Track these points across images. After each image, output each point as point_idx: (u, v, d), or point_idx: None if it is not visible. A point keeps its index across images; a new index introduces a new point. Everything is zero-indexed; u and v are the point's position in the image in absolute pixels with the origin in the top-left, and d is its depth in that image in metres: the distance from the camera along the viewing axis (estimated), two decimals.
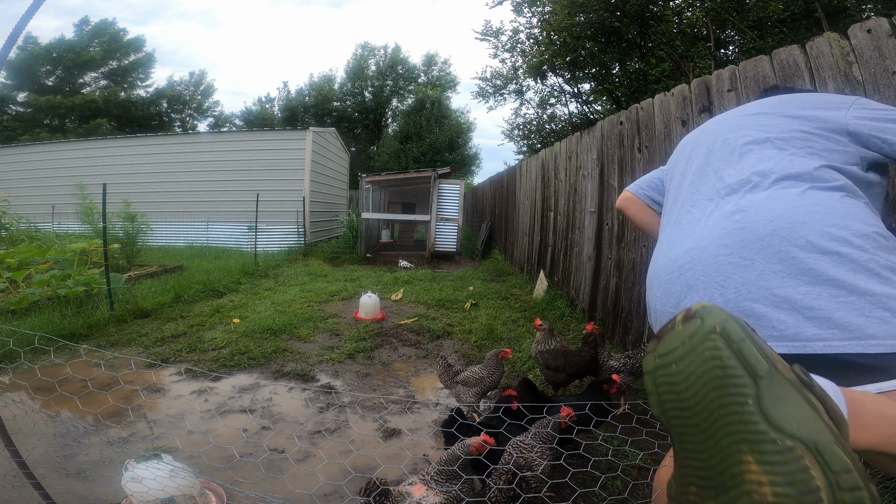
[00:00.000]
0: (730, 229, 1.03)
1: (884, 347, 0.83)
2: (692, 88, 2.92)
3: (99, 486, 1.95)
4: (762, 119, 1.24)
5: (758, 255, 0.96)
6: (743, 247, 0.99)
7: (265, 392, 3.04)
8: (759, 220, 0.99)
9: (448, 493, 1.50)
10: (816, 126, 1.14)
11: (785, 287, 0.92)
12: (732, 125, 1.29)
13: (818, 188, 1.01)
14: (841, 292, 0.87)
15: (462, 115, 28.85)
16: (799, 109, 1.20)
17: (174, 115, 33.45)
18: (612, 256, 4.00)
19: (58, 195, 11.52)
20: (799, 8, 8.33)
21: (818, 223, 0.93)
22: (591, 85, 15.17)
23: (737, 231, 1.01)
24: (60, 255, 5.51)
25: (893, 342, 0.83)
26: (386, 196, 13.08)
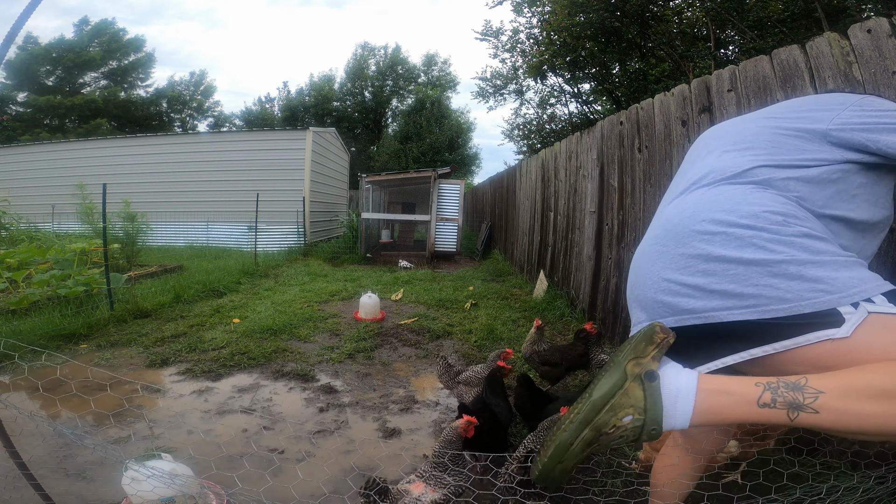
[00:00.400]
0: (663, 224, 1.21)
1: (773, 313, 0.94)
2: (692, 88, 2.92)
3: (99, 486, 1.95)
4: (749, 124, 1.28)
5: (670, 242, 1.14)
6: (664, 237, 1.17)
7: (265, 392, 3.03)
8: (676, 214, 1.18)
9: (446, 488, 1.54)
10: (794, 128, 1.17)
11: (689, 268, 1.07)
12: (725, 131, 1.35)
13: (734, 183, 1.13)
14: (730, 266, 1.00)
15: (462, 115, 28.87)
16: (792, 112, 1.22)
17: (174, 116, 33.46)
18: (612, 256, 4.00)
19: (58, 195, 11.52)
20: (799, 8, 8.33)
21: (711, 211, 1.09)
22: (591, 85, 15.17)
23: (663, 227, 1.20)
24: (60, 255, 5.51)
25: (782, 307, 0.94)
26: (386, 196, 13.08)
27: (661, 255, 1.15)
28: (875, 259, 1.85)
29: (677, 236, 1.13)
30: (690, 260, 1.07)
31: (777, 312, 0.94)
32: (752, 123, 1.28)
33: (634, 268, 1.27)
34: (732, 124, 1.36)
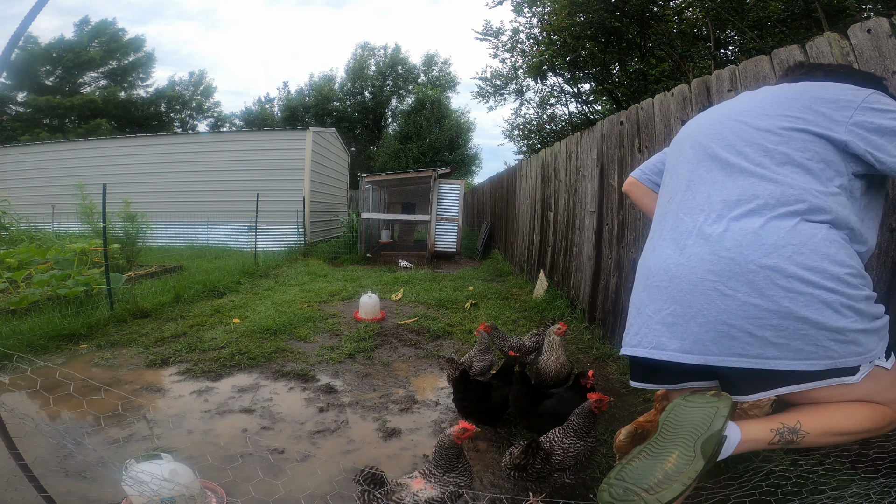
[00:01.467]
0: (720, 256, 1.16)
1: (818, 365, 1.10)
2: (692, 88, 2.92)
3: (99, 486, 1.95)
4: (764, 121, 1.24)
5: (742, 287, 1.12)
6: (730, 277, 1.14)
7: (265, 392, 3.03)
8: (748, 256, 1.12)
9: (444, 487, 1.55)
10: (816, 133, 1.17)
11: (759, 319, 1.11)
12: (732, 127, 1.29)
13: (807, 220, 1.12)
14: (804, 327, 1.08)
15: (462, 115, 28.87)
16: (803, 110, 1.20)
17: (174, 116, 33.45)
18: (612, 256, 4.00)
19: (58, 195, 11.52)
20: (799, 8, 8.34)
21: (798, 267, 1.09)
22: (591, 85, 15.18)
23: (726, 261, 1.15)
24: (60, 255, 5.51)
25: (827, 362, 1.09)
26: (386, 196, 13.08)
27: (727, 297, 1.13)
28: (875, 259, 1.85)
29: (751, 284, 1.10)
30: (765, 313, 1.10)
31: (821, 366, 1.09)
32: (768, 122, 1.22)
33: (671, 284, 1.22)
34: (743, 116, 1.29)
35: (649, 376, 1.36)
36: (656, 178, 1.63)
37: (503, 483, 2.08)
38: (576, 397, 2.26)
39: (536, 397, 2.31)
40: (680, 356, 1.19)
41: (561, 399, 2.28)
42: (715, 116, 1.37)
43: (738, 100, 1.39)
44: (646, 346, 1.26)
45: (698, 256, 1.19)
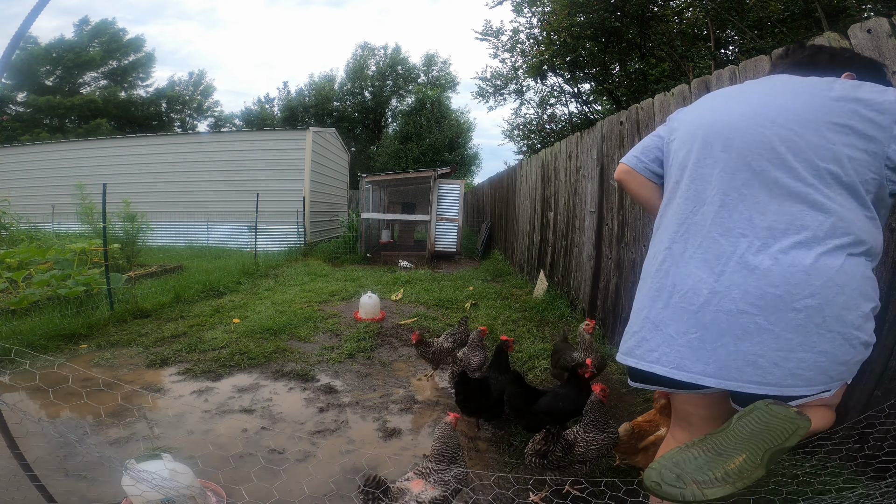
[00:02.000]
0: (767, 291, 1.13)
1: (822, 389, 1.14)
2: (692, 88, 2.92)
3: (99, 486, 1.95)
4: (812, 131, 1.16)
5: (780, 323, 1.12)
6: (772, 313, 1.13)
7: (265, 392, 3.03)
8: (795, 295, 1.11)
9: (446, 485, 1.56)
10: (865, 149, 1.14)
11: (789, 352, 1.12)
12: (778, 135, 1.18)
13: (851, 255, 1.13)
14: (822, 360, 1.11)
15: (462, 115, 28.85)
16: (851, 116, 1.14)
17: (174, 116, 33.44)
18: (612, 256, 4.00)
19: (58, 195, 11.52)
20: (799, 8, 8.34)
21: (837, 307, 1.11)
22: (591, 85, 15.18)
23: (773, 297, 1.13)
24: (60, 255, 5.51)
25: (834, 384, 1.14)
26: (386, 196, 13.08)
27: (764, 331, 1.13)
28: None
29: (790, 321, 1.12)
30: (796, 347, 1.12)
31: (821, 389, 1.14)
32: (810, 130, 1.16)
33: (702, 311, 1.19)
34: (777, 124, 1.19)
35: (650, 382, 1.36)
36: (654, 166, 1.49)
37: (504, 483, 2.08)
38: (570, 392, 2.27)
39: (531, 396, 2.32)
40: (701, 379, 1.19)
41: (555, 396, 2.29)
42: (749, 114, 1.25)
43: (767, 93, 1.27)
44: (665, 364, 1.25)
45: (740, 288, 1.16)
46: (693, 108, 1.43)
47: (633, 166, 1.50)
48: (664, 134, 1.47)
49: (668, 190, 1.39)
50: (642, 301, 1.35)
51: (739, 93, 1.34)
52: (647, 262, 1.40)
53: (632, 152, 1.52)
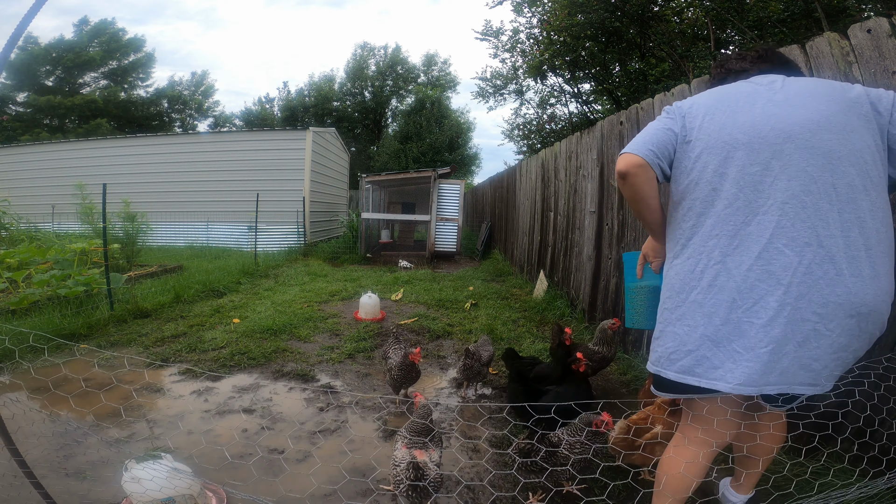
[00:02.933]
0: (830, 301, 1.18)
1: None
2: (692, 88, 2.92)
3: (99, 486, 1.95)
4: (854, 138, 1.20)
5: (837, 329, 1.20)
6: (830, 320, 1.19)
7: (265, 392, 3.04)
8: (855, 304, 1.18)
9: (438, 444, 1.85)
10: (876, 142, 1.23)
11: (838, 354, 1.22)
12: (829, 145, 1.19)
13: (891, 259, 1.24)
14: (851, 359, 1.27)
15: (462, 115, 28.84)
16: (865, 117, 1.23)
17: (174, 116, 33.44)
18: (612, 256, 4.00)
19: (58, 195, 11.52)
20: (799, 8, 8.34)
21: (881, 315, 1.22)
22: (591, 85, 15.17)
23: (834, 307, 1.18)
24: (60, 255, 5.51)
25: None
26: (386, 196, 13.07)
27: (823, 337, 1.21)
28: None
29: (847, 328, 1.21)
30: (844, 350, 1.23)
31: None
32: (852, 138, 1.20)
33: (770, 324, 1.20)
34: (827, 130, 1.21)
35: (686, 391, 1.37)
36: (666, 165, 1.38)
37: (504, 483, 2.09)
38: (570, 389, 2.30)
39: (532, 395, 2.32)
40: (764, 389, 1.23)
41: (556, 395, 2.29)
42: (791, 119, 1.23)
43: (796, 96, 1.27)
44: (730, 381, 1.24)
45: (806, 298, 1.18)
46: (710, 109, 1.34)
47: (647, 159, 1.34)
48: (677, 130, 1.36)
49: (699, 198, 1.30)
50: (694, 318, 1.29)
51: (760, 95, 1.31)
52: (686, 274, 1.32)
53: (644, 144, 1.35)
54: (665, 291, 1.42)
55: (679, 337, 1.32)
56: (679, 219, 1.37)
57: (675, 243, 1.39)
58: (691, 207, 1.33)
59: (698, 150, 1.31)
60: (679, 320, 1.33)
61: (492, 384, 3.27)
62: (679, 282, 1.34)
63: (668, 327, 1.37)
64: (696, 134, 1.32)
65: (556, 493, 1.93)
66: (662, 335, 1.39)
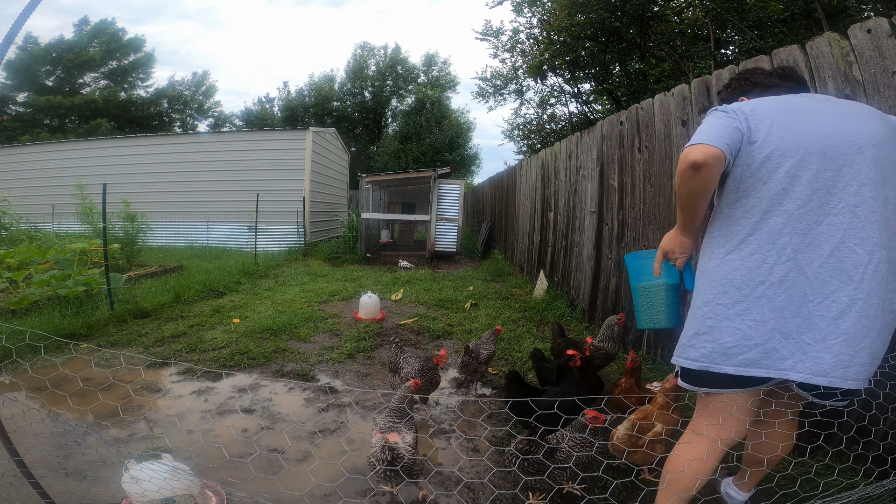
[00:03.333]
0: (893, 299, 1.31)
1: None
2: (692, 88, 2.92)
3: (99, 486, 1.95)
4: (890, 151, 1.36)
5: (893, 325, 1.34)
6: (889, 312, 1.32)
7: (265, 392, 3.04)
8: None
9: (411, 427, 1.98)
10: None
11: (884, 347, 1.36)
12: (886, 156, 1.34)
13: None
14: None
15: (462, 115, 28.84)
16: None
17: (174, 116, 33.44)
18: (612, 256, 4.00)
19: (58, 195, 11.51)
20: (799, 8, 8.33)
21: None
22: (591, 85, 15.17)
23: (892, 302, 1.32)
24: (60, 255, 5.51)
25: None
26: (386, 196, 13.07)
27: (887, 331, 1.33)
28: None
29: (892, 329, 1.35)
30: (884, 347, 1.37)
31: None
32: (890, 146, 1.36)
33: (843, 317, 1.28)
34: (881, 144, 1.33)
35: (741, 384, 1.41)
36: (732, 161, 1.40)
37: (504, 483, 2.09)
38: (569, 388, 2.30)
39: (530, 395, 2.32)
40: (838, 382, 1.29)
41: (554, 395, 2.29)
42: (865, 136, 1.34)
43: (852, 112, 1.41)
44: (801, 371, 1.31)
45: (878, 295, 1.27)
46: (777, 115, 1.39)
47: (726, 155, 1.33)
48: (743, 130, 1.38)
49: (766, 196, 1.35)
50: (762, 313, 1.33)
51: (825, 109, 1.41)
52: (751, 269, 1.35)
53: (720, 138, 1.34)
54: (716, 286, 1.41)
55: (741, 331, 1.35)
56: (737, 215, 1.40)
57: (730, 238, 1.41)
58: (755, 205, 1.37)
59: (767, 151, 1.35)
60: (740, 315, 1.36)
61: (491, 384, 3.27)
62: (740, 277, 1.37)
63: (721, 322, 1.38)
64: (763, 136, 1.36)
65: (556, 493, 1.93)
66: (713, 330, 1.39)
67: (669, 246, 1.62)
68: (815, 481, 1.63)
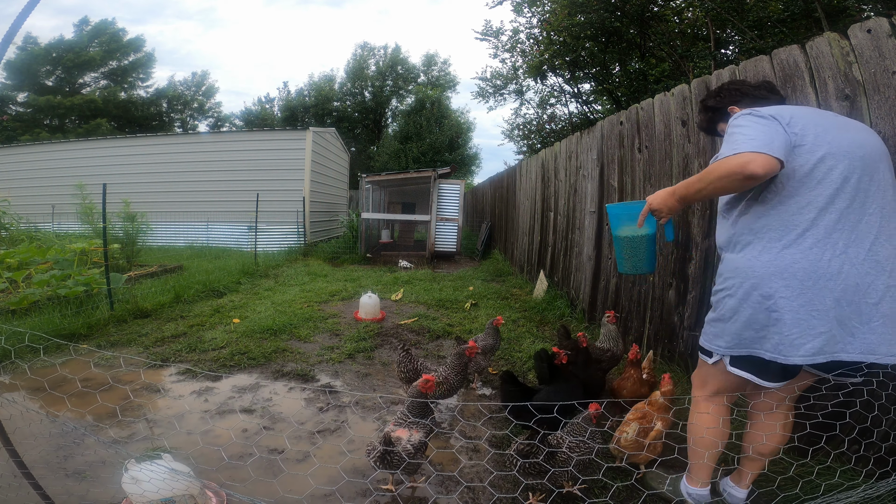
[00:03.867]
0: None
1: None
2: (692, 88, 2.92)
3: (99, 486, 1.95)
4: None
5: None
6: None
7: (265, 392, 3.03)
8: None
9: (424, 428, 1.93)
10: None
11: None
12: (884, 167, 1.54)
13: None
14: None
15: (462, 115, 28.84)
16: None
17: (174, 116, 33.43)
18: (612, 256, 4.00)
19: (58, 195, 11.51)
20: (799, 8, 8.33)
21: None
22: (591, 85, 15.16)
23: None
24: (60, 255, 5.51)
25: None
26: (386, 196, 13.07)
27: None
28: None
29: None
30: None
31: None
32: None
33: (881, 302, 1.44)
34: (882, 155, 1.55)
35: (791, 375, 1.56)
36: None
37: (504, 484, 2.08)
38: (561, 387, 2.32)
39: (524, 395, 2.33)
40: (884, 358, 1.43)
41: (548, 393, 2.31)
42: (880, 148, 1.56)
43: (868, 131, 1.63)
44: (851, 352, 1.44)
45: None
46: (817, 123, 1.52)
47: (784, 165, 1.46)
48: (791, 137, 1.49)
49: (822, 194, 1.47)
50: (824, 303, 1.44)
51: (848, 122, 1.62)
52: (814, 263, 1.46)
53: (780, 147, 1.45)
54: (776, 279, 1.49)
55: (805, 321, 1.46)
56: (793, 210, 1.50)
57: (786, 232, 1.51)
58: (811, 202, 1.48)
59: (820, 154, 1.48)
60: (804, 306, 1.46)
61: (491, 384, 3.27)
62: (802, 270, 1.47)
63: (786, 315, 1.47)
64: (812, 140, 1.49)
65: (557, 494, 1.93)
66: (780, 322, 1.48)
67: (660, 206, 1.75)
68: (816, 482, 1.63)
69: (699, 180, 1.57)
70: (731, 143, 1.49)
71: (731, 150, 1.45)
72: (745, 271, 1.56)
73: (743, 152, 1.41)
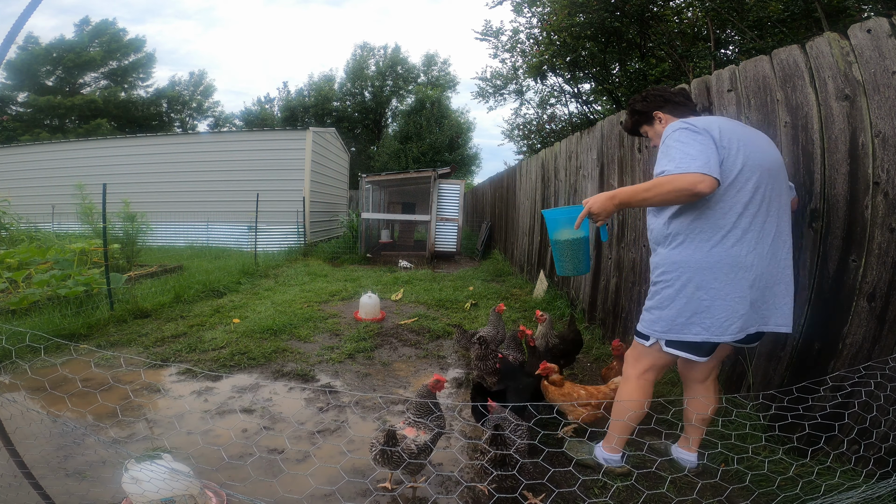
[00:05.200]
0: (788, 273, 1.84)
1: None
2: (692, 88, 2.92)
3: (99, 486, 1.95)
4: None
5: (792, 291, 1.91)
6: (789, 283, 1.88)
7: (265, 392, 3.03)
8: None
9: (431, 429, 1.93)
10: None
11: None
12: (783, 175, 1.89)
13: None
14: None
15: (462, 115, 28.84)
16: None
17: (174, 116, 33.43)
18: (612, 256, 4.00)
19: (58, 195, 11.51)
20: (799, 8, 8.33)
21: None
22: (591, 85, 15.15)
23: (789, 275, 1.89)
24: (60, 255, 5.51)
25: None
26: (386, 196, 13.07)
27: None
28: (875, 258, 1.84)
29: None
30: None
31: None
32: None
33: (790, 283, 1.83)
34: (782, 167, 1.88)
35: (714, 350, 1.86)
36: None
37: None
38: (520, 385, 2.43)
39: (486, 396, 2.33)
40: (779, 328, 1.80)
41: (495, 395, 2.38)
42: (776, 158, 1.85)
43: (771, 143, 1.90)
44: (769, 325, 1.79)
45: (791, 268, 1.83)
46: (737, 135, 1.76)
47: (718, 179, 1.66)
48: (721, 152, 1.71)
49: (740, 201, 1.73)
50: (743, 290, 1.73)
51: (757, 134, 1.87)
52: (735, 258, 1.73)
53: (716, 166, 1.65)
54: (707, 273, 1.76)
55: (731, 307, 1.74)
56: (718, 214, 1.75)
57: (715, 232, 1.75)
58: (732, 207, 1.74)
59: (740, 165, 1.72)
60: (730, 294, 1.73)
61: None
62: (728, 264, 1.74)
63: (716, 302, 1.75)
64: (734, 152, 1.73)
65: (557, 495, 1.93)
66: (710, 309, 1.75)
67: (598, 210, 1.86)
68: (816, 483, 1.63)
69: (646, 190, 1.74)
70: (670, 157, 1.69)
71: (675, 167, 1.65)
72: (681, 265, 1.80)
73: (693, 172, 1.62)
